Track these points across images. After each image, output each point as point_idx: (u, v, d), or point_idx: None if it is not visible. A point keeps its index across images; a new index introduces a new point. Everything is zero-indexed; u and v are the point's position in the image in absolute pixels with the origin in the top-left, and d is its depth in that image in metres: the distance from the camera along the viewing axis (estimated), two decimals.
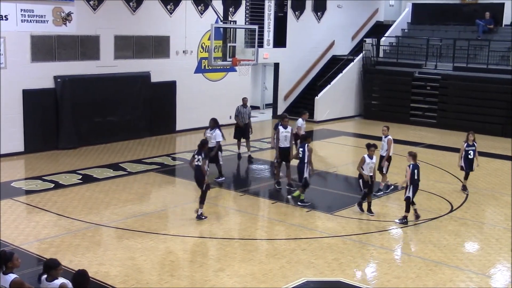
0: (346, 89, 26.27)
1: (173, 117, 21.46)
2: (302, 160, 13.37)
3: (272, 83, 26.45)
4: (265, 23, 24.25)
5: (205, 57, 21.67)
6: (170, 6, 20.79)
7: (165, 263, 10.07)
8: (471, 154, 14.61)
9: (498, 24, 26.35)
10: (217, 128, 14.93)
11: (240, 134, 17.77)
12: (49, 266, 6.72)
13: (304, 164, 13.33)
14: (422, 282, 9.59)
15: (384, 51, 27.32)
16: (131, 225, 11.87)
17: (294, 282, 9.45)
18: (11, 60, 16.94)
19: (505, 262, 10.61)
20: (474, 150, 14.65)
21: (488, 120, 23.17)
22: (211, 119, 15.16)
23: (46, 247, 10.60)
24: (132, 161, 17.15)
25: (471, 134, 14.71)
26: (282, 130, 14.51)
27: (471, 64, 24.24)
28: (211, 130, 14.91)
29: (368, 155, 12.72)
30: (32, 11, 17.21)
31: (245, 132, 17.70)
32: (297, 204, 13.47)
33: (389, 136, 14.42)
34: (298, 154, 13.52)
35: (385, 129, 14.57)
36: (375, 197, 13.82)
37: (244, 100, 18.08)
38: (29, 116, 17.51)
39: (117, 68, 19.46)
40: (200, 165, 12.26)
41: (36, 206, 12.93)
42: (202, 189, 12.31)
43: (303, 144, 13.51)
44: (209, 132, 14.94)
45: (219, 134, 14.87)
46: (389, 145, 14.33)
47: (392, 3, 31.35)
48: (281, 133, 14.48)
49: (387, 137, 14.40)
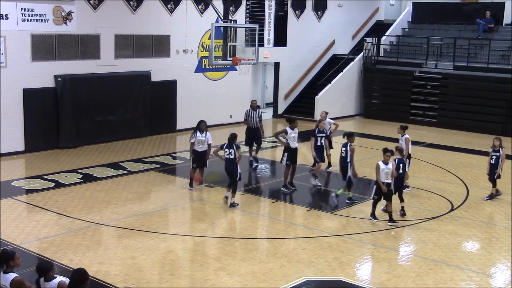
0: (346, 88, 26.27)
1: (173, 116, 21.46)
2: (345, 159, 13.50)
3: (273, 82, 26.44)
4: (266, 22, 24.26)
5: (205, 56, 21.69)
6: (171, 5, 20.78)
7: (165, 262, 10.08)
8: (493, 159, 14.02)
9: (499, 23, 26.34)
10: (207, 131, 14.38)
11: (251, 139, 17.00)
12: (46, 268, 6.71)
13: (348, 163, 13.45)
14: (422, 281, 9.59)
15: (384, 50, 27.31)
16: (131, 224, 11.87)
17: (295, 281, 9.45)
18: (11, 59, 16.95)
19: (506, 261, 10.60)
20: (498, 156, 13.98)
21: (489, 119, 23.18)
22: (203, 122, 14.44)
23: (46, 246, 10.61)
24: (133, 160, 17.15)
25: (496, 140, 14.13)
26: (290, 131, 14.40)
27: (471, 63, 24.23)
28: (202, 133, 14.21)
29: (382, 161, 12.20)
30: (33, 10, 17.21)
31: (256, 137, 16.86)
32: (339, 201, 13.54)
33: (406, 135, 14.46)
34: (341, 154, 13.63)
35: (400, 130, 14.57)
36: None
37: (253, 102, 17.39)
38: (29, 115, 17.51)
39: (117, 67, 19.46)
40: (233, 158, 12.90)
41: (36, 205, 12.94)
42: (235, 180, 12.98)
43: (346, 143, 13.61)
44: (200, 135, 14.19)
45: (210, 137, 14.40)
46: (407, 143, 14.34)
47: (392, 2, 31.32)
48: (289, 134, 14.39)
49: (404, 136, 14.42)
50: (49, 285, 6.60)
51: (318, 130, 14.93)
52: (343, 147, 13.63)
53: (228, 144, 12.98)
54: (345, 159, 13.53)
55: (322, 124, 15.01)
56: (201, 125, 14.34)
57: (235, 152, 12.90)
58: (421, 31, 27.56)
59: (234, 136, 13.10)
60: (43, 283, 6.65)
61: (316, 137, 14.82)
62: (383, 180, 12.14)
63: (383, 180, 12.14)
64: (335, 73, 25.87)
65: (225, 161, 13.10)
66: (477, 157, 18.80)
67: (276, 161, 17.27)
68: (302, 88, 26.96)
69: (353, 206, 13.38)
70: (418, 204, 13.73)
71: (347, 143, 13.59)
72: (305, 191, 14.92)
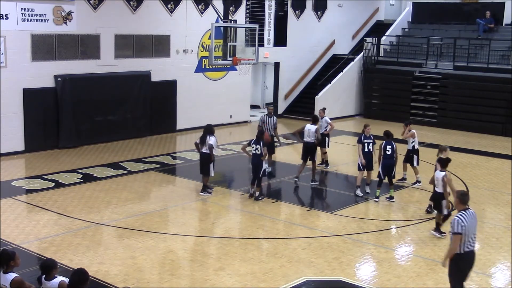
0: (346, 88, 26.27)
1: (173, 116, 21.46)
2: (391, 156, 13.64)
3: (273, 82, 26.45)
4: (266, 22, 24.27)
5: (205, 56, 21.70)
6: (171, 5, 20.78)
7: (165, 262, 10.08)
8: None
9: (499, 23, 26.35)
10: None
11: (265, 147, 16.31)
12: (50, 266, 6.72)
13: (393, 161, 13.71)
14: (422, 281, 9.59)
15: (384, 50, 27.32)
16: (131, 224, 11.88)
17: (295, 281, 9.45)
18: (11, 59, 16.95)
19: (506, 261, 10.61)
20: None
21: (488, 119, 23.18)
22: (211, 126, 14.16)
23: (46, 246, 10.61)
24: (133, 160, 17.15)
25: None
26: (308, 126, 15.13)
27: (471, 63, 24.23)
28: (210, 136, 13.90)
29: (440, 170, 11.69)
30: (33, 10, 17.21)
31: (270, 145, 15.34)
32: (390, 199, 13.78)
33: (413, 130, 15.08)
34: (386, 152, 13.64)
35: (404, 126, 15.14)
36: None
37: (269, 109, 16.50)
38: (29, 115, 17.51)
39: (117, 67, 19.46)
40: (259, 153, 13.45)
41: (36, 205, 12.94)
42: (259, 176, 13.52)
43: (390, 141, 13.69)
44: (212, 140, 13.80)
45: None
46: (412, 137, 15.00)
47: (392, 2, 31.33)
48: (306, 127, 15.14)
49: (410, 131, 14.99)
50: (50, 284, 6.61)
51: (365, 136, 14.33)
52: (388, 145, 13.61)
53: (255, 140, 13.60)
54: (391, 157, 13.59)
55: (368, 130, 14.39)
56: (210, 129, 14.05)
57: (261, 148, 13.48)
58: (421, 31, 27.57)
59: (262, 132, 13.85)
60: (44, 282, 6.65)
61: (363, 143, 14.28)
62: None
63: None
64: (335, 73, 25.87)
65: (252, 156, 13.73)
66: (477, 157, 18.82)
67: (276, 161, 17.24)
68: (302, 88, 26.98)
69: (353, 206, 13.37)
70: (418, 204, 13.73)
71: (390, 141, 13.67)
72: (305, 191, 14.93)
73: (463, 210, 7.97)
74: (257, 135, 13.72)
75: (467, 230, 7.86)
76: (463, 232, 7.82)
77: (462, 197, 8.12)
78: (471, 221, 7.93)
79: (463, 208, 8.00)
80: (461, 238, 7.84)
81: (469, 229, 7.88)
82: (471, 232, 7.95)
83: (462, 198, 8.10)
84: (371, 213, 13.11)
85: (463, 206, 8.02)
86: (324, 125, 16.50)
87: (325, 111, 16.92)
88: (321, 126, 16.46)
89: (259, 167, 13.56)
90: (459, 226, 7.80)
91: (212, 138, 13.82)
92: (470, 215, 7.95)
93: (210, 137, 13.77)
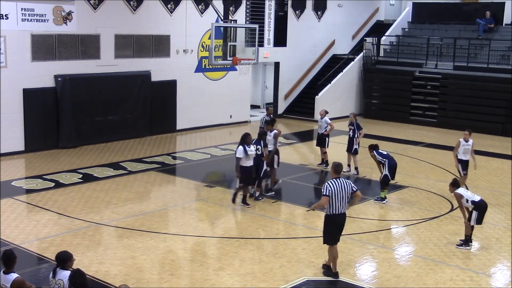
0: (346, 88, 26.27)
1: (173, 116, 21.46)
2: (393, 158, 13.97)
3: (273, 82, 26.44)
4: (266, 22, 24.26)
5: (205, 56, 21.69)
6: (171, 5, 20.78)
7: (165, 262, 10.08)
8: None
9: (499, 23, 26.35)
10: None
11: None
12: (65, 258, 6.86)
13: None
14: (422, 281, 9.59)
15: (384, 50, 27.32)
16: (131, 224, 11.88)
17: (295, 281, 9.46)
18: (11, 59, 16.95)
19: (506, 261, 10.61)
20: None
21: (488, 119, 23.18)
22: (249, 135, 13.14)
23: (46, 246, 10.61)
24: (133, 160, 17.15)
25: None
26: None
27: (471, 63, 24.23)
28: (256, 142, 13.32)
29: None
30: (33, 10, 17.21)
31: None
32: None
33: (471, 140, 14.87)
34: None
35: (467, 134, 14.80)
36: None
37: (269, 110, 16.20)
38: (29, 115, 17.50)
39: (117, 67, 19.46)
40: (260, 154, 13.29)
41: (36, 205, 12.94)
42: (259, 176, 13.45)
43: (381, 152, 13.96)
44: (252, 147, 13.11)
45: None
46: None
47: (392, 2, 31.34)
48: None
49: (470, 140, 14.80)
50: (62, 275, 6.73)
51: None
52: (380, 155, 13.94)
53: (257, 140, 13.48)
54: None
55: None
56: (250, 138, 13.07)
57: (262, 148, 13.42)
58: (421, 31, 27.56)
59: (263, 133, 13.79)
60: (59, 272, 6.80)
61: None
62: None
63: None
64: (335, 73, 25.87)
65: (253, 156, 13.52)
66: (477, 157, 18.69)
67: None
68: (302, 88, 26.97)
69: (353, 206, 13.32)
70: (418, 204, 13.74)
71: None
72: (305, 191, 14.93)
73: (334, 179, 9.28)
74: (258, 135, 13.66)
75: (335, 195, 9.17)
76: (330, 195, 9.15)
77: (336, 167, 9.43)
78: (340, 188, 9.19)
79: (335, 177, 9.31)
80: (329, 201, 9.17)
81: (337, 194, 9.18)
82: (340, 197, 9.22)
83: (336, 169, 9.42)
84: (371, 213, 13.11)
85: (336, 175, 9.35)
86: (324, 126, 16.52)
87: (327, 114, 16.84)
88: (321, 126, 16.53)
89: (260, 167, 13.49)
90: (327, 190, 9.17)
91: (240, 147, 12.80)
92: (340, 183, 9.23)
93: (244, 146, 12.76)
